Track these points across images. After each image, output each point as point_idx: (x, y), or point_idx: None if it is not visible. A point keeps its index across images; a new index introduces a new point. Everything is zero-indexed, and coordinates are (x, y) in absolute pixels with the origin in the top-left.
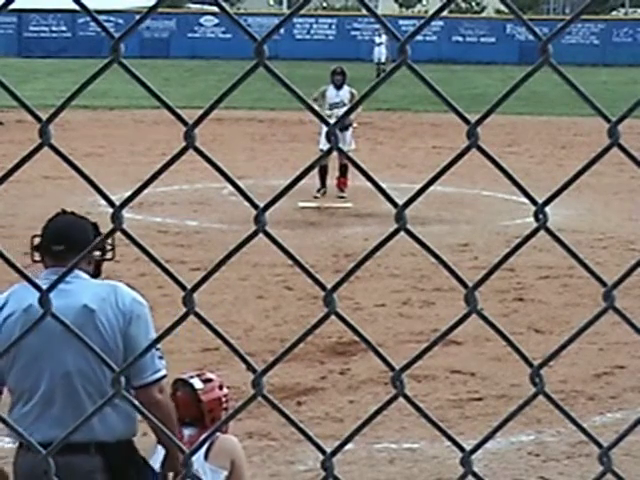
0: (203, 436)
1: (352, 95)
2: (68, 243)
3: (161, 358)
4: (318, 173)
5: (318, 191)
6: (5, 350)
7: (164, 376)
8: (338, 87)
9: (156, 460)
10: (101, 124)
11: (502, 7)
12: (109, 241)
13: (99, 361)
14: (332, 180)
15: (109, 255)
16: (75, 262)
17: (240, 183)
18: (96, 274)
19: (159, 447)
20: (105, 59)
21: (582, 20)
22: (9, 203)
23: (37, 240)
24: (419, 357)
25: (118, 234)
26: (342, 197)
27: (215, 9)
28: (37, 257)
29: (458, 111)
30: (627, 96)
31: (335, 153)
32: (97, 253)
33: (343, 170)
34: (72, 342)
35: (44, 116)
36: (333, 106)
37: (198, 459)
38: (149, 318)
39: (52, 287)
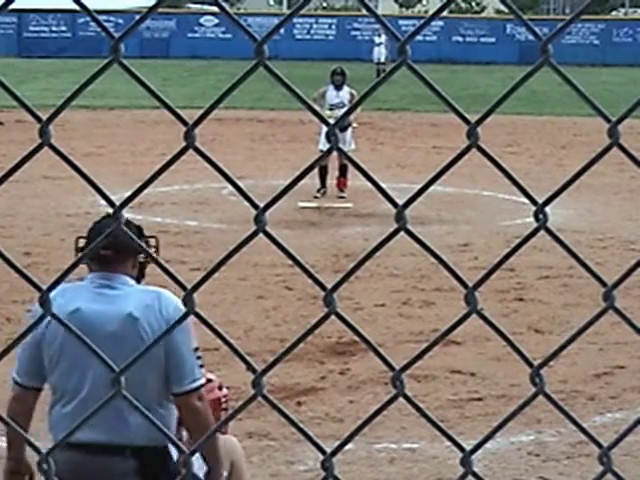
0: (203, 437)
1: (352, 96)
2: (114, 248)
3: (201, 367)
4: (318, 173)
5: (318, 191)
6: (3, 352)
7: (203, 384)
8: (338, 87)
9: None
10: (101, 124)
11: (502, 7)
12: (153, 243)
13: (141, 369)
14: (332, 180)
15: None
16: (75, 262)
17: (240, 183)
18: (140, 277)
19: None
20: (105, 59)
21: (582, 20)
22: (9, 203)
23: (82, 242)
24: (419, 357)
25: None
26: (342, 197)
27: (215, 9)
28: None
29: (458, 111)
30: (627, 96)
31: (335, 153)
32: (141, 256)
33: (343, 170)
34: (114, 347)
35: (44, 116)
36: (333, 107)
37: (198, 459)
38: (191, 326)
39: (52, 287)
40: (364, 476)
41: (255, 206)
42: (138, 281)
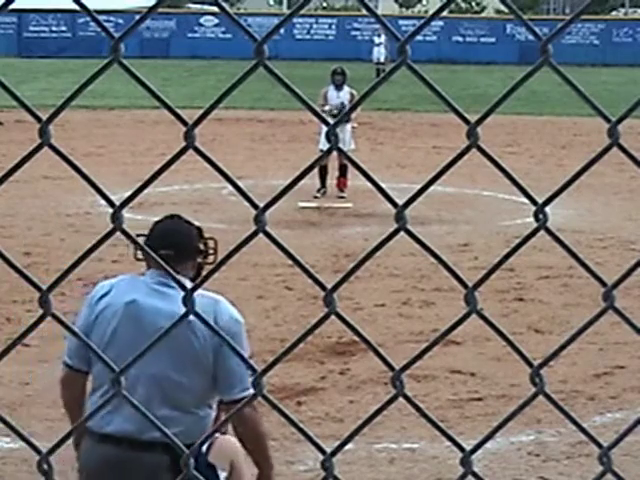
0: (203, 436)
1: (352, 96)
2: (176, 248)
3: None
4: (318, 173)
5: (318, 191)
6: (5, 350)
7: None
8: (338, 87)
9: None
10: (101, 124)
11: (502, 7)
12: (211, 245)
13: (188, 371)
14: (332, 180)
15: (210, 259)
16: (76, 262)
17: (240, 183)
18: (196, 277)
19: None
20: (105, 59)
21: (582, 20)
22: (9, 203)
23: (141, 239)
24: (419, 357)
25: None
26: (342, 197)
27: (215, 9)
28: (140, 256)
29: (458, 111)
30: (627, 96)
31: (335, 153)
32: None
33: (343, 170)
34: (164, 346)
35: (44, 116)
36: (334, 107)
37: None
38: (244, 336)
39: (52, 287)
40: (364, 476)
41: (255, 206)
42: (194, 281)
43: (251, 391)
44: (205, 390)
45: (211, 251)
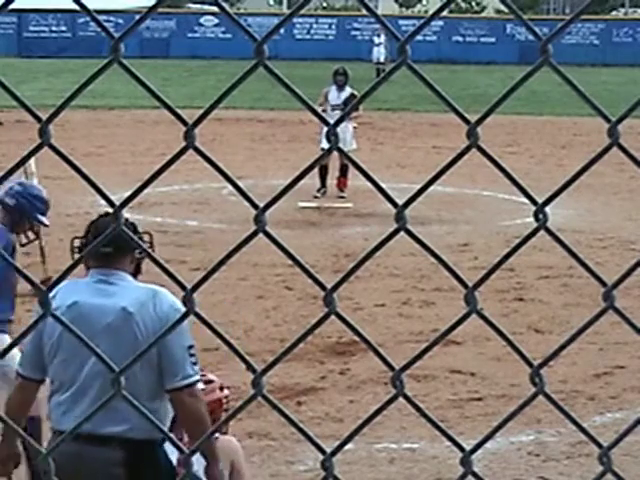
0: (203, 437)
1: (353, 97)
2: (114, 245)
3: (195, 364)
4: (318, 173)
5: (318, 191)
6: (5, 350)
7: (195, 382)
8: (340, 87)
9: None
10: (101, 124)
11: (502, 7)
12: (147, 239)
13: (138, 363)
14: (332, 180)
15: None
16: (76, 262)
17: (240, 183)
18: (136, 273)
19: None
20: (105, 59)
21: (582, 20)
22: None
23: (77, 242)
24: (419, 357)
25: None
26: (342, 197)
27: (215, 9)
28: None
29: (458, 111)
30: (627, 96)
31: (335, 153)
32: (137, 252)
33: (343, 170)
34: (108, 341)
35: (44, 116)
36: (335, 108)
37: (198, 460)
38: (186, 326)
39: (51, 287)
40: (364, 476)
41: (255, 206)
42: (135, 277)
43: (193, 379)
44: (152, 382)
45: (147, 245)
